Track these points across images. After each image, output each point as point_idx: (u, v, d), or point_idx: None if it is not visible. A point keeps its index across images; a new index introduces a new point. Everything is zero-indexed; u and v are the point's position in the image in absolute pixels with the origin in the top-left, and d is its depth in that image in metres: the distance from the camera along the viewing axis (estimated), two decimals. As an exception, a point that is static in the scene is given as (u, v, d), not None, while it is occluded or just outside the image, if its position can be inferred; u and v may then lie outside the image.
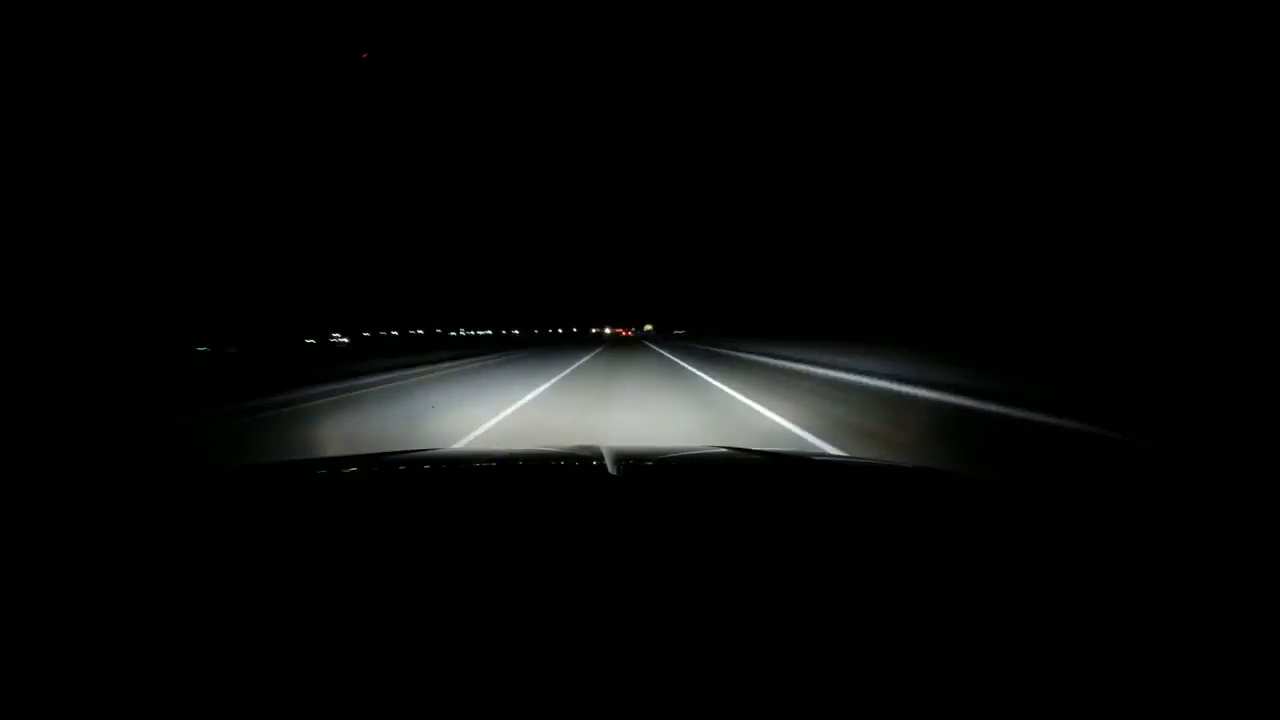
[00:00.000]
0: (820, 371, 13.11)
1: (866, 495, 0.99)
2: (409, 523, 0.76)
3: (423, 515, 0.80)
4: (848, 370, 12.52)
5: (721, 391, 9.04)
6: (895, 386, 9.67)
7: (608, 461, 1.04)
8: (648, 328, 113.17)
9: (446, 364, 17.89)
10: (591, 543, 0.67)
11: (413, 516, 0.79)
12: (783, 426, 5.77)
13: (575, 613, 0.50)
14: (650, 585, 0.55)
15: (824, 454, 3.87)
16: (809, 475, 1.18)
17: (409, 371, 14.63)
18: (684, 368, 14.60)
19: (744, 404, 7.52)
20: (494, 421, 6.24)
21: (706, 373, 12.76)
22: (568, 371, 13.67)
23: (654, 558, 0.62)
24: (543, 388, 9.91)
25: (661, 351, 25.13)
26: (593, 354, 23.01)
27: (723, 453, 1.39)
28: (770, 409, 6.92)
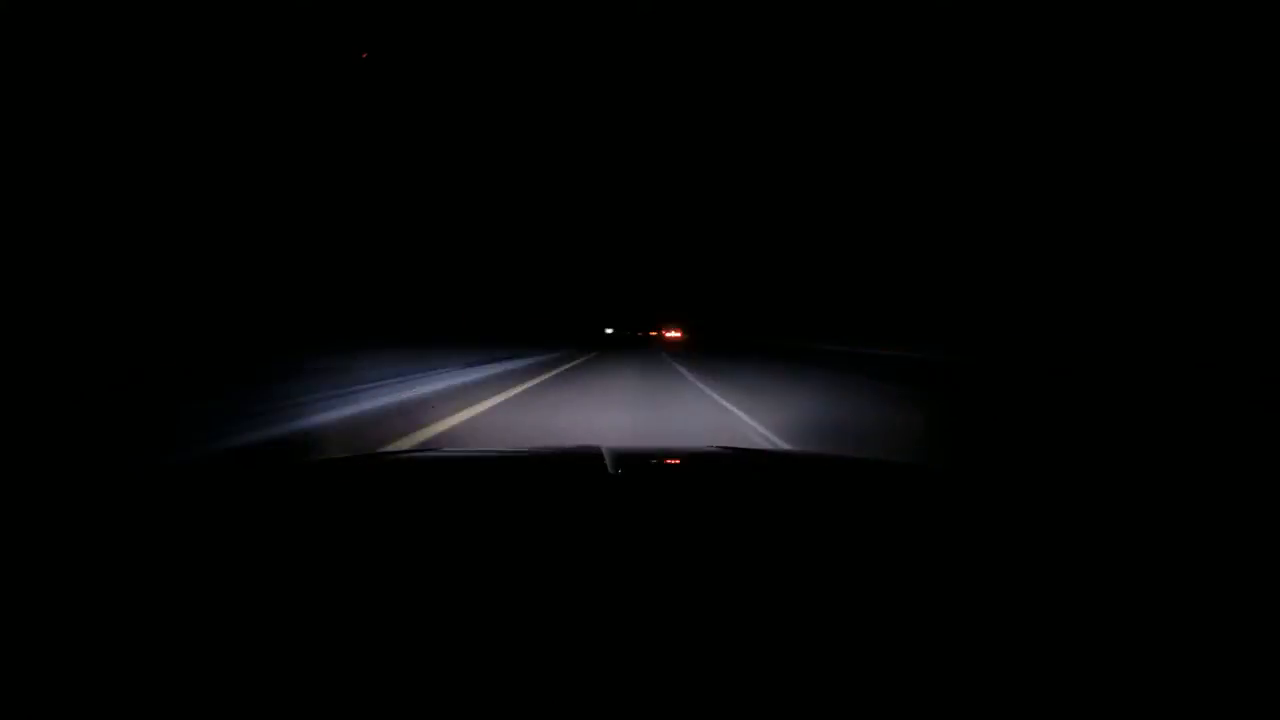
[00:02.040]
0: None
1: (864, 494, 1.00)
2: (407, 522, 0.76)
3: (421, 514, 0.80)
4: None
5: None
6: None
7: (607, 461, 1.04)
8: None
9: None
10: (590, 542, 0.67)
11: (411, 516, 0.79)
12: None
13: (574, 612, 0.50)
14: (648, 584, 0.56)
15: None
16: (808, 474, 1.19)
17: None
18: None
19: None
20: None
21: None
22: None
23: (653, 557, 0.63)
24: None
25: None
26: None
27: (722, 452, 1.40)
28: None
